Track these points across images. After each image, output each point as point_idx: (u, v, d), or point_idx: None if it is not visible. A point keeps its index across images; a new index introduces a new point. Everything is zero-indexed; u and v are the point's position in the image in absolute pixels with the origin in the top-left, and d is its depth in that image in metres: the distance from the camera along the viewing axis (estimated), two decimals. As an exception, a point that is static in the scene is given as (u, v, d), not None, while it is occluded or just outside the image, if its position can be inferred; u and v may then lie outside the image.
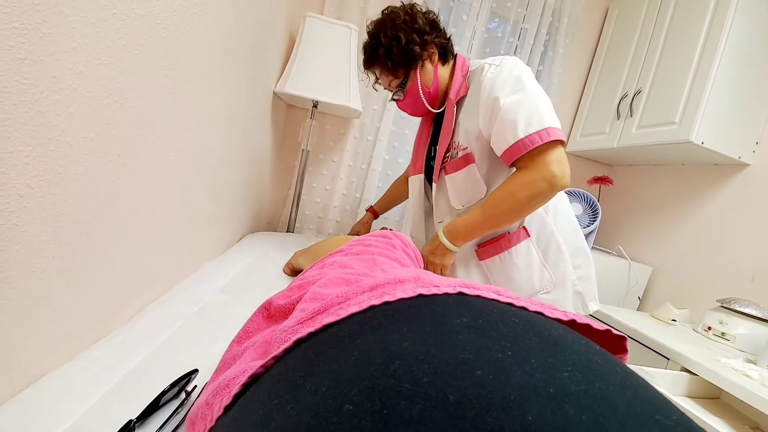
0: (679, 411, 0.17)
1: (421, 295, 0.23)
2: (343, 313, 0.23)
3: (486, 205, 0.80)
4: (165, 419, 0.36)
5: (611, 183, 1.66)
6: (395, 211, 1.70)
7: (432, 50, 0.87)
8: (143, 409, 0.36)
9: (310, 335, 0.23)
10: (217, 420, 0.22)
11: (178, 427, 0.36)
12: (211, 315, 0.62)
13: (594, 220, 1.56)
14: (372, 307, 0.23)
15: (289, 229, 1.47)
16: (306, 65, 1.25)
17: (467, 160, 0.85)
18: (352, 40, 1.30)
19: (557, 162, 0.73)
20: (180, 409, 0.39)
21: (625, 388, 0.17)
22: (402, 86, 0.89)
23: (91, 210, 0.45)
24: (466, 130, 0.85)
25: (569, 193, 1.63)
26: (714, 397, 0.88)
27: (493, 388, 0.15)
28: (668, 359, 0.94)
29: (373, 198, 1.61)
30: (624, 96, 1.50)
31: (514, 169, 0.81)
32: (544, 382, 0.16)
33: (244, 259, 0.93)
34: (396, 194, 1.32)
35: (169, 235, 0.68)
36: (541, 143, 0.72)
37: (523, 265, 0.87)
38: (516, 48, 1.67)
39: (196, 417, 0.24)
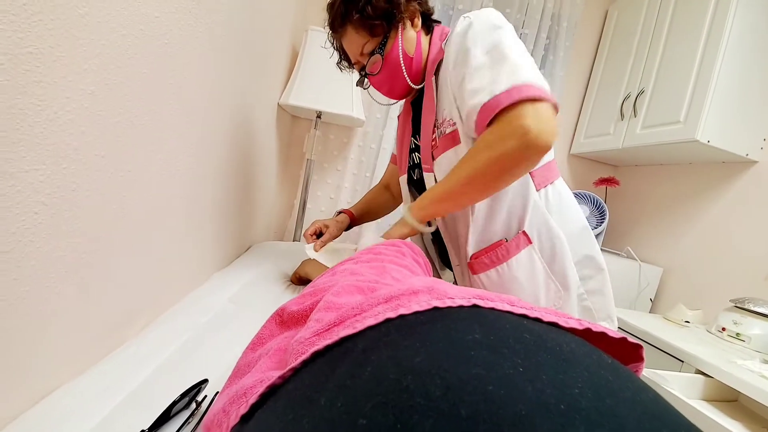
0: (688, 424, 0.17)
1: (435, 308, 0.24)
2: (359, 326, 0.23)
3: (450, 173, 0.67)
4: (176, 429, 0.37)
5: (617, 184, 1.65)
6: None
7: (416, 9, 0.74)
8: (155, 419, 0.37)
9: (327, 348, 0.23)
10: (233, 428, 0.23)
11: (189, 436, 0.37)
12: (221, 325, 0.63)
13: (601, 222, 1.55)
14: (387, 320, 0.23)
15: (296, 238, 1.48)
16: (309, 77, 1.28)
17: (455, 138, 0.71)
18: (354, 50, 1.32)
19: (533, 115, 0.57)
20: (191, 419, 0.39)
21: (635, 403, 0.17)
22: (380, 51, 0.73)
23: (103, 225, 0.47)
24: (451, 99, 0.70)
25: (576, 195, 1.62)
26: (731, 399, 0.86)
27: (504, 403, 0.15)
28: (682, 362, 0.92)
29: (378, 205, 1.61)
30: (627, 96, 1.50)
31: None
32: (555, 399, 0.16)
33: (252, 269, 0.94)
34: (374, 205, 1.09)
35: (179, 246, 0.69)
36: (508, 102, 0.58)
37: (526, 278, 0.72)
38: (516, 53, 1.68)
39: (211, 424, 0.25)
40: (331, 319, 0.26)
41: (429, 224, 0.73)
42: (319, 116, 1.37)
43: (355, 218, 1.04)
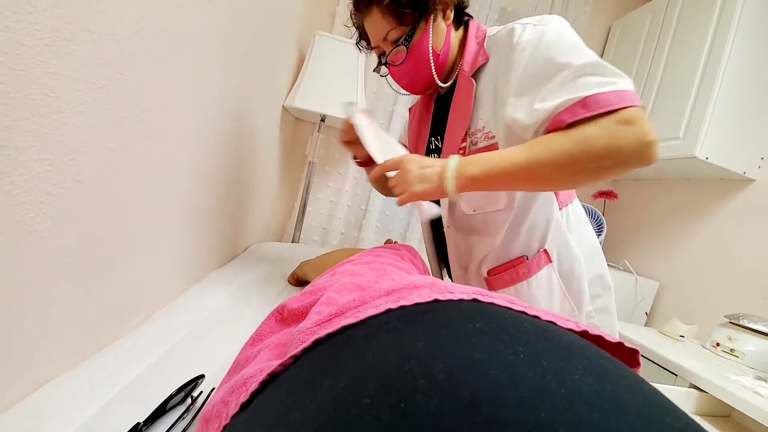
0: (689, 416, 0.18)
1: (436, 300, 0.24)
2: (361, 316, 0.23)
3: (536, 143, 0.54)
4: (171, 423, 0.37)
5: (616, 197, 1.66)
6: (399, 223, 1.71)
7: (450, 1, 0.67)
8: (150, 412, 0.37)
9: (328, 336, 0.23)
10: (233, 417, 0.23)
11: (184, 431, 0.37)
12: (217, 322, 0.63)
13: (599, 234, 1.56)
14: (388, 310, 0.24)
15: (294, 240, 1.48)
16: (314, 81, 1.29)
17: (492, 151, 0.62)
18: (360, 56, 1.34)
19: (650, 124, 0.51)
20: (186, 414, 0.39)
21: (635, 391, 0.17)
22: (406, 42, 0.66)
23: (106, 218, 0.47)
24: (495, 111, 0.63)
25: (574, 207, 1.63)
26: (724, 415, 0.86)
27: (506, 386, 0.16)
28: (676, 375, 0.92)
29: (378, 210, 1.62)
30: (627, 111, 1.52)
31: None
32: (556, 383, 0.16)
33: (250, 269, 0.94)
34: None
35: (178, 244, 0.69)
36: (620, 106, 0.51)
37: (544, 297, 0.71)
38: (520, 64, 1.70)
39: (210, 414, 0.25)
40: (332, 310, 0.26)
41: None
42: (323, 120, 1.38)
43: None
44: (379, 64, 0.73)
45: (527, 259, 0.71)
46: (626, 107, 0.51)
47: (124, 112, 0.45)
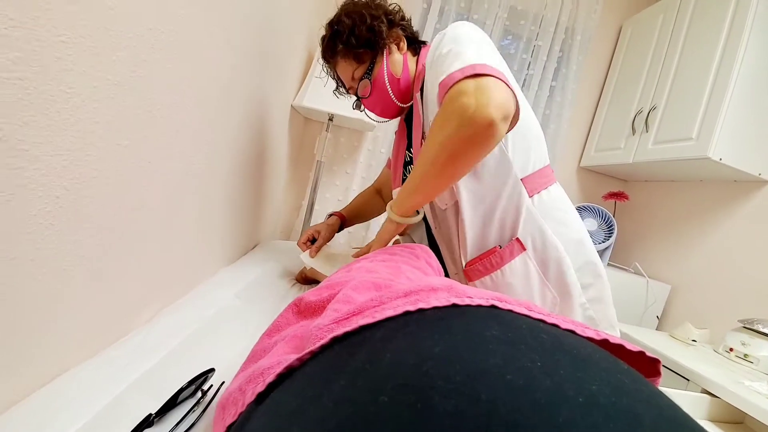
0: (705, 431, 0.17)
1: (454, 305, 0.24)
2: (379, 317, 0.24)
3: (418, 158, 0.67)
4: (182, 416, 0.37)
5: (627, 198, 1.64)
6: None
7: (399, 34, 0.80)
8: (161, 405, 0.37)
9: (346, 335, 0.23)
10: (248, 405, 0.23)
11: (194, 424, 0.37)
12: (227, 318, 0.64)
13: (609, 236, 1.54)
14: (406, 313, 0.24)
15: (302, 239, 1.49)
16: (323, 80, 1.29)
17: None
18: (368, 55, 1.34)
19: (475, 90, 0.56)
20: (196, 407, 0.39)
21: (651, 405, 0.17)
22: (368, 75, 0.78)
23: (120, 213, 0.48)
24: (435, 113, 0.71)
25: (584, 208, 1.61)
26: (737, 421, 0.85)
27: (523, 391, 0.16)
28: (688, 380, 0.91)
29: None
30: (639, 112, 1.50)
31: (502, 164, 0.71)
32: (573, 392, 0.16)
33: (258, 267, 0.95)
34: (365, 208, 1.13)
35: (189, 240, 0.70)
36: (460, 77, 0.58)
37: (521, 285, 0.72)
38: (529, 64, 1.69)
39: (227, 401, 0.25)
40: (350, 309, 0.26)
41: (417, 212, 0.76)
42: (331, 119, 1.39)
43: (345, 220, 1.07)
44: (357, 101, 0.85)
45: (500, 248, 0.73)
46: (462, 79, 0.58)
47: (138, 109, 0.46)
